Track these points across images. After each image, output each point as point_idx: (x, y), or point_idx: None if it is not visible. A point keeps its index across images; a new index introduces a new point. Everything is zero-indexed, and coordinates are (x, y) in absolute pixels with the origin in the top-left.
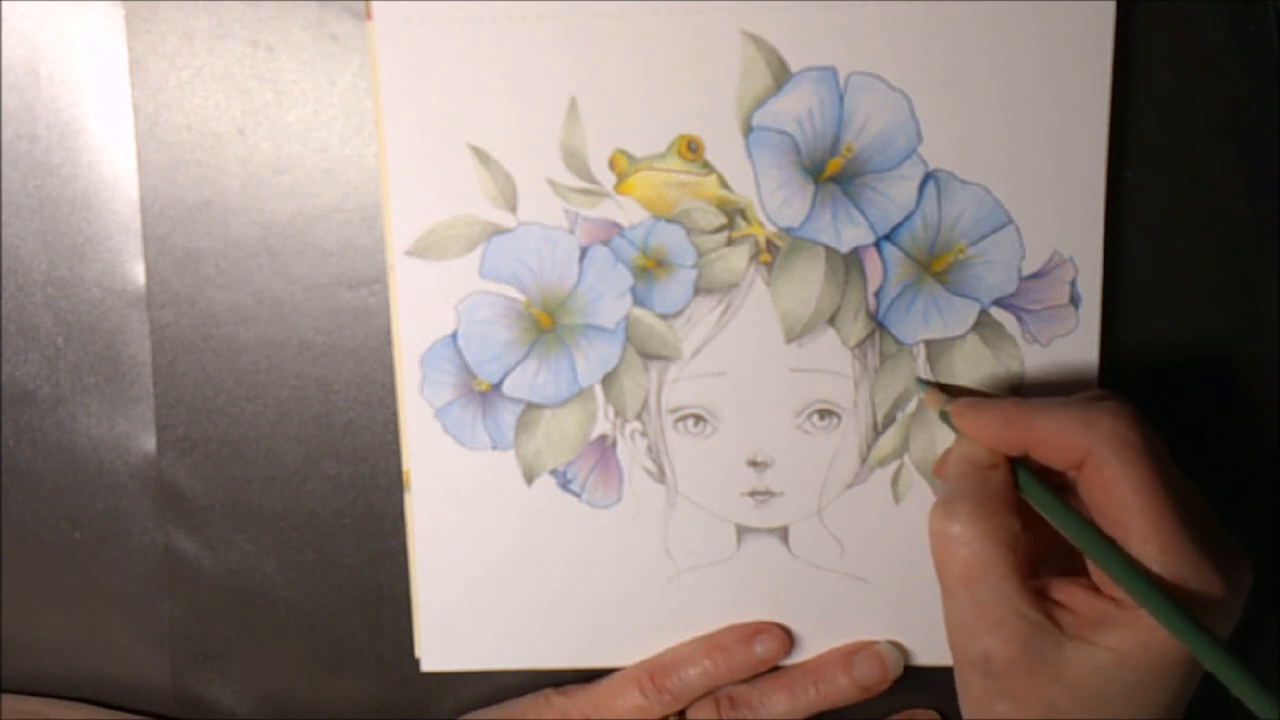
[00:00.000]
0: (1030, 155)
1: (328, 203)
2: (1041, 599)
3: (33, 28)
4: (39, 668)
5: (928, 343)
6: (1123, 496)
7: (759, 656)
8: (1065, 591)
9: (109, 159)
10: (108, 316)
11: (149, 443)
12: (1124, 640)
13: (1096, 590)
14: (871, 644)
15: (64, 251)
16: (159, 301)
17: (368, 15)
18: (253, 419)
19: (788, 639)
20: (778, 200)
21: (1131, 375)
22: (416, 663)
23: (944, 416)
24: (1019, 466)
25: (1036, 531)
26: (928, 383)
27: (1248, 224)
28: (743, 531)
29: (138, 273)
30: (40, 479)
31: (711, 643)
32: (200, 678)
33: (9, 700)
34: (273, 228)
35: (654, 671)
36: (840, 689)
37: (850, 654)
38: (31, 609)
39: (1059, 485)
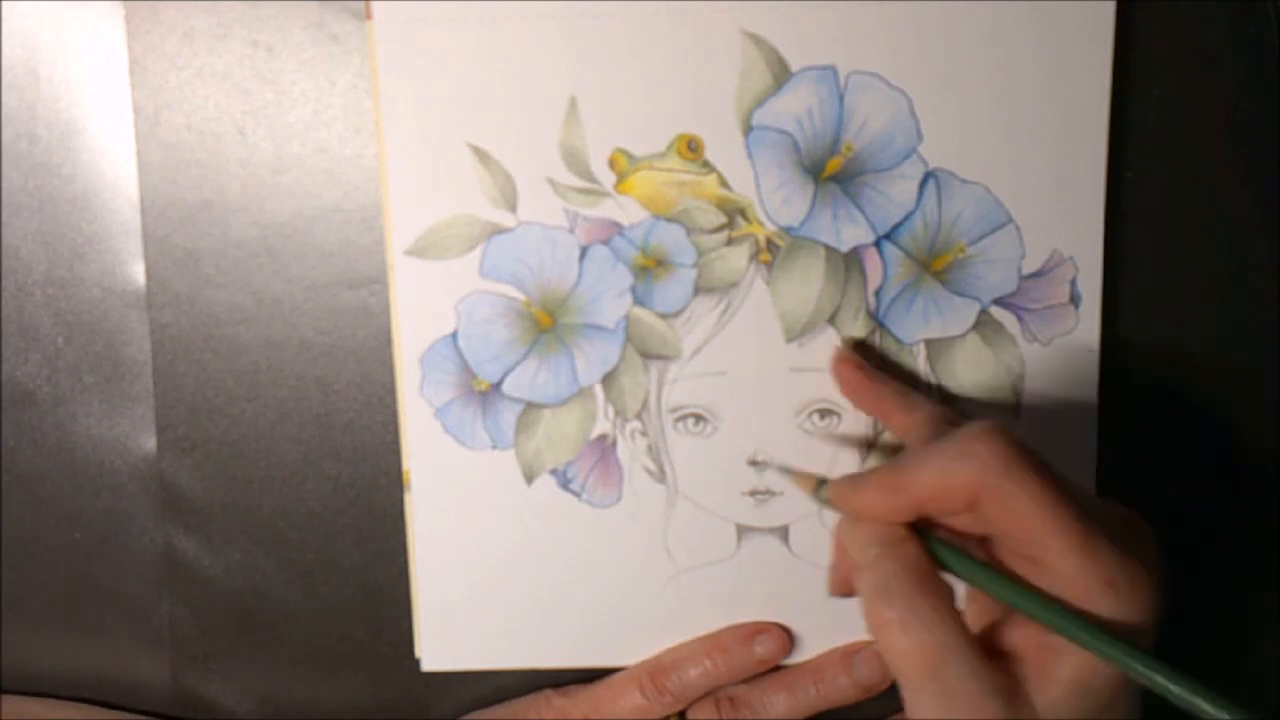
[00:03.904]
0: (1030, 154)
1: (328, 203)
2: (997, 659)
3: (33, 28)
4: (39, 668)
5: (928, 342)
6: (1025, 516)
7: (759, 656)
8: (1011, 637)
9: (109, 159)
10: (108, 316)
11: (149, 443)
12: (1077, 668)
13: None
14: (871, 644)
15: (64, 251)
16: (159, 301)
17: (368, 15)
18: (253, 419)
19: (788, 639)
20: (778, 199)
21: (1131, 374)
22: (417, 663)
23: (820, 500)
24: (923, 534)
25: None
26: (789, 471)
27: (1248, 224)
28: (743, 531)
29: (138, 273)
30: (40, 479)
31: (712, 643)
32: (200, 678)
33: (9, 702)
34: (273, 228)
35: (654, 672)
36: (841, 689)
37: (850, 654)
38: (31, 609)
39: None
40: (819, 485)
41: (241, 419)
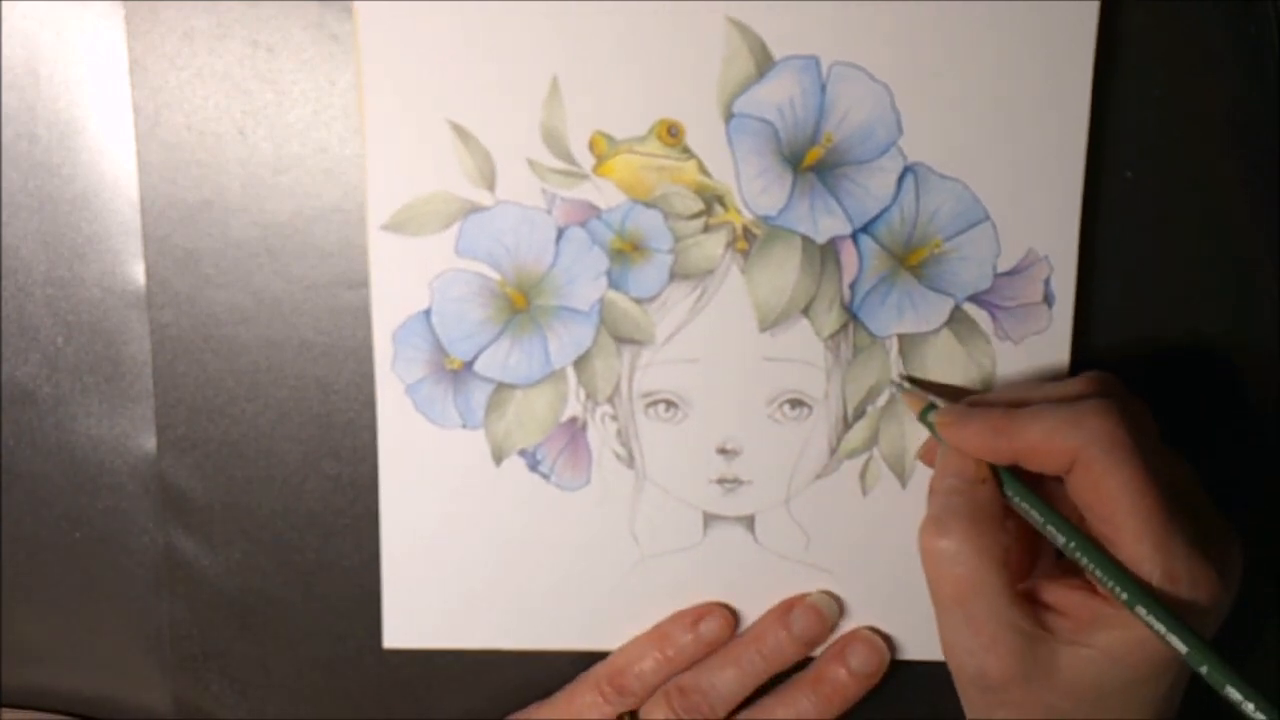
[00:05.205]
0: (1009, 152)
1: (328, 203)
2: (1033, 606)
3: (33, 28)
4: (37, 668)
5: (900, 337)
6: (1112, 496)
7: (706, 639)
8: (1056, 594)
9: (109, 159)
10: (108, 316)
11: (149, 443)
12: (1117, 640)
13: (1089, 589)
14: (805, 597)
15: (64, 251)
16: (159, 301)
17: None
18: (253, 419)
19: (732, 617)
20: (756, 188)
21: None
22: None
23: (926, 423)
24: (1007, 477)
25: (1027, 536)
26: (906, 379)
27: (1248, 224)
28: (709, 519)
29: (138, 273)
30: (40, 479)
31: (658, 634)
32: (200, 678)
33: (9, 714)
34: (273, 228)
35: (611, 675)
36: (782, 648)
37: (787, 610)
38: (31, 609)
39: (1041, 486)
40: (927, 408)
41: (241, 419)
